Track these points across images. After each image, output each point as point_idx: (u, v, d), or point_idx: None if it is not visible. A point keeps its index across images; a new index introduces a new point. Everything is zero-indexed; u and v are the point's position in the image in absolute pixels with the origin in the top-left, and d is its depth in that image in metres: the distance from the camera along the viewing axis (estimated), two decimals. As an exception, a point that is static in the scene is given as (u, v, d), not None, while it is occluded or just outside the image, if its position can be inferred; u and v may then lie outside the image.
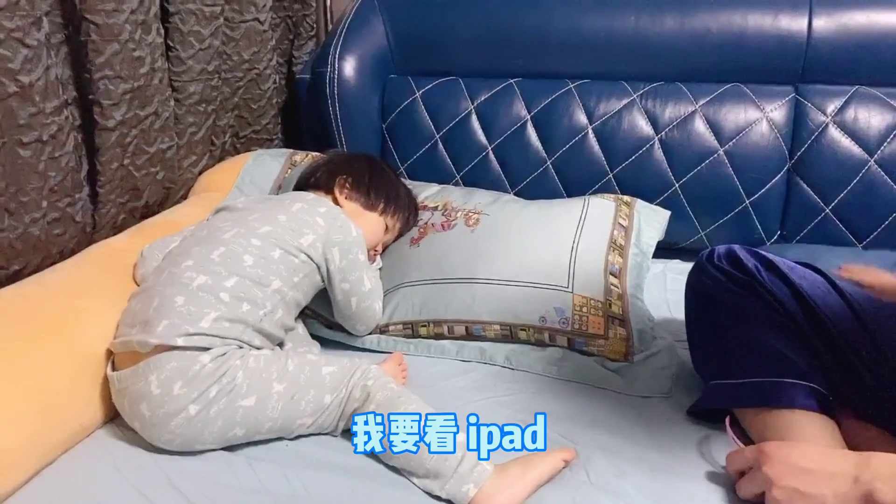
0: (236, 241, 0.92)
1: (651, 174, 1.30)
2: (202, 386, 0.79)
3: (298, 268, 0.95)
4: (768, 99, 1.28)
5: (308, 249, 0.95)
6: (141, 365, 0.81)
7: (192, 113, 1.26)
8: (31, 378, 0.80)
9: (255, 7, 1.36)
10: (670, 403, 0.92)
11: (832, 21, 1.25)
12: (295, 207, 0.99)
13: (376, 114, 1.45)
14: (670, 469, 0.79)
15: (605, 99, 1.33)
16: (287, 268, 0.93)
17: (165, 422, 0.79)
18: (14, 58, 0.88)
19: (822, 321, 0.80)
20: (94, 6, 0.99)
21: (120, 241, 1.06)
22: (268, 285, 0.90)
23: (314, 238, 0.97)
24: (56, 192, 1.00)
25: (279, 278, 0.92)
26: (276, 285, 0.91)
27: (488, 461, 0.76)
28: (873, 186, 1.22)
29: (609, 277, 1.06)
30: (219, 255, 0.90)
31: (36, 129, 0.93)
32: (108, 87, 1.04)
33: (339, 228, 0.99)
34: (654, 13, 1.31)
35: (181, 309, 0.83)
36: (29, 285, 0.91)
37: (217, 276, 0.87)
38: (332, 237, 0.98)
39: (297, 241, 0.95)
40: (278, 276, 0.92)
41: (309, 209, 1.00)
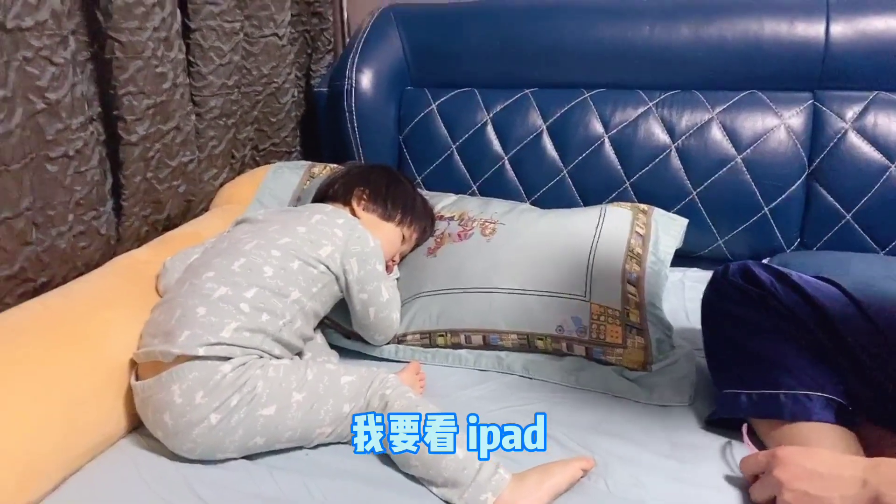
0: (256, 252, 0.93)
1: (668, 182, 1.30)
2: (223, 395, 0.80)
3: (317, 278, 0.96)
4: (786, 106, 1.27)
5: (326, 260, 0.97)
6: (164, 375, 0.82)
7: (213, 127, 1.28)
8: (57, 388, 0.82)
9: (273, 23, 1.38)
10: (689, 412, 0.91)
11: (850, 26, 1.24)
12: (314, 219, 1.01)
13: (393, 125, 1.46)
14: (689, 478, 0.79)
15: (620, 108, 1.34)
16: (306, 278, 0.94)
17: (188, 430, 0.80)
18: (42, 76, 0.91)
19: (838, 331, 0.79)
20: (118, 24, 1.02)
21: (143, 254, 1.08)
22: (287, 296, 0.91)
23: (332, 249, 0.98)
24: (82, 206, 1.02)
25: (298, 289, 0.93)
26: (295, 296, 0.92)
27: (506, 470, 0.76)
28: (895, 193, 1.20)
29: (627, 286, 1.06)
30: (239, 266, 0.91)
31: (63, 144, 0.96)
32: (132, 103, 1.07)
33: (357, 239, 1.01)
34: (669, 21, 1.32)
35: (202, 319, 0.85)
36: (54, 297, 0.93)
37: (237, 287, 0.89)
38: (350, 248, 0.99)
39: (315, 252, 0.96)
40: (297, 287, 0.93)
41: (328, 221, 1.01)
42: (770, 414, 0.79)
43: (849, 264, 1.14)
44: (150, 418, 0.84)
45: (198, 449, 0.81)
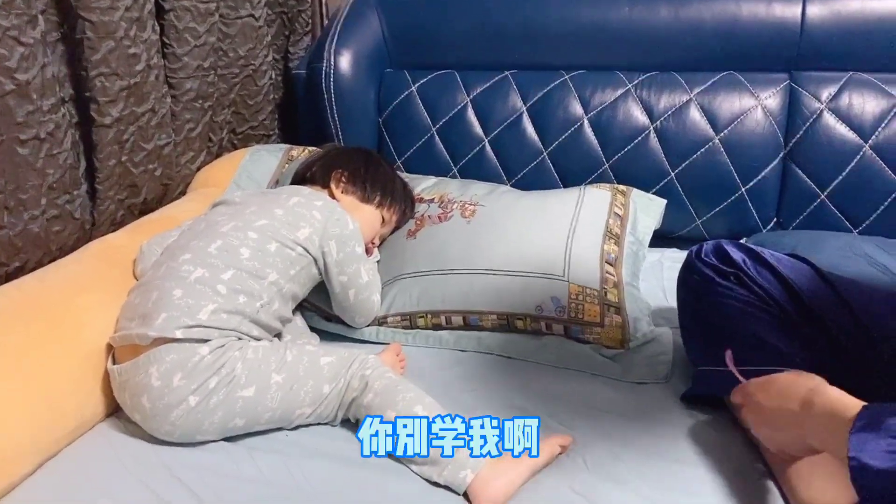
0: (233, 234, 0.93)
1: (647, 163, 1.30)
2: (201, 377, 0.80)
3: (295, 261, 0.95)
4: (763, 86, 1.28)
5: (304, 243, 0.96)
6: (141, 358, 0.82)
7: (189, 109, 1.27)
8: (33, 373, 0.81)
9: (250, 3, 1.36)
10: (666, 389, 0.92)
11: (825, 8, 1.25)
12: (292, 201, 1.00)
13: (373, 108, 1.45)
14: (666, 454, 0.80)
15: (600, 89, 1.34)
16: (283, 260, 0.94)
17: (166, 413, 0.80)
18: (10, 56, 0.89)
19: (809, 307, 0.81)
20: (88, 4, 0.99)
21: (119, 238, 1.07)
22: (264, 278, 0.91)
23: (311, 231, 0.97)
24: (55, 190, 1.00)
25: (276, 271, 0.92)
26: (272, 278, 0.92)
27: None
28: (868, 172, 1.22)
29: (605, 266, 1.07)
30: (216, 248, 0.90)
31: (34, 126, 0.94)
32: (105, 85, 1.05)
33: (336, 221, 1.00)
34: (648, 3, 1.32)
35: (179, 302, 0.84)
36: (29, 281, 0.92)
37: (214, 269, 0.88)
38: (329, 230, 0.99)
39: (293, 234, 0.96)
40: (275, 269, 0.92)
41: (305, 203, 1.00)
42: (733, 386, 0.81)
43: (823, 243, 1.16)
44: (128, 402, 0.84)
45: (176, 431, 0.81)
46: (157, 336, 0.81)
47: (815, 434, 0.63)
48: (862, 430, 0.57)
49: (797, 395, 0.65)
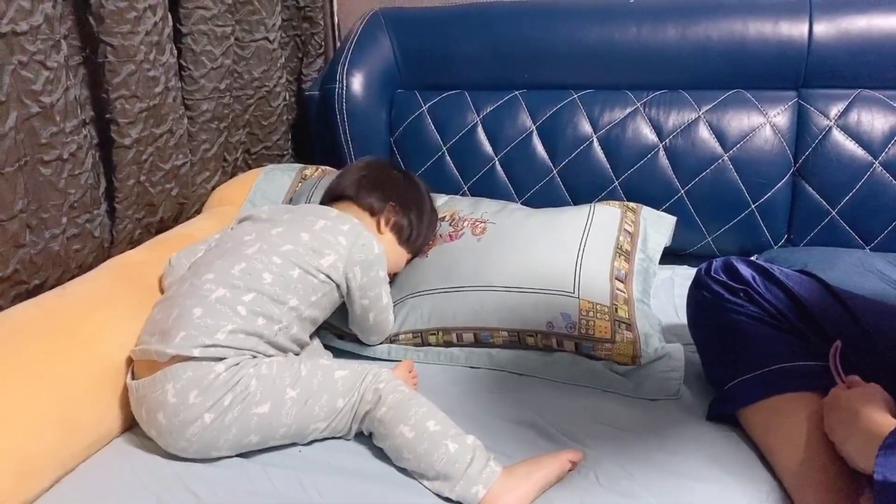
0: (258, 257, 0.93)
1: (656, 181, 1.31)
2: (217, 395, 0.81)
3: (317, 287, 0.96)
4: (771, 104, 1.29)
5: (328, 270, 0.96)
6: (158, 374, 0.83)
7: (205, 130, 1.29)
8: (51, 388, 0.82)
9: (264, 27, 1.39)
10: (678, 405, 0.92)
11: (832, 26, 1.26)
12: (318, 226, 0.99)
13: (384, 127, 1.47)
14: (678, 470, 0.80)
15: (608, 108, 1.35)
16: (305, 287, 0.94)
17: (182, 430, 0.81)
18: (36, 79, 0.92)
19: (818, 323, 0.82)
20: (110, 28, 1.03)
21: (137, 254, 1.09)
22: (285, 303, 0.91)
23: (336, 258, 0.97)
24: (76, 209, 1.03)
25: (296, 296, 0.93)
26: (293, 303, 0.92)
27: (497, 463, 0.78)
28: (879, 188, 1.22)
29: (615, 283, 1.07)
30: (239, 270, 0.91)
31: (57, 147, 0.97)
32: (125, 107, 1.08)
33: (362, 247, 1.00)
34: (655, 22, 1.34)
35: (198, 321, 0.85)
36: (49, 298, 0.94)
37: (236, 290, 0.89)
38: (354, 256, 0.99)
39: (317, 261, 0.95)
40: (296, 295, 0.93)
41: (332, 228, 1.00)
42: (759, 396, 0.82)
43: (834, 260, 1.16)
44: (145, 417, 0.85)
45: (192, 448, 0.82)
46: (174, 353, 0.83)
47: (857, 454, 0.65)
48: (890, 446, 0.58)
49: (847, 413, 0.68)
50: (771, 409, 0.80)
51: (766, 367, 0.82)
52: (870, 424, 0.65)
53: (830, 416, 0.73)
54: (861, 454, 0.66)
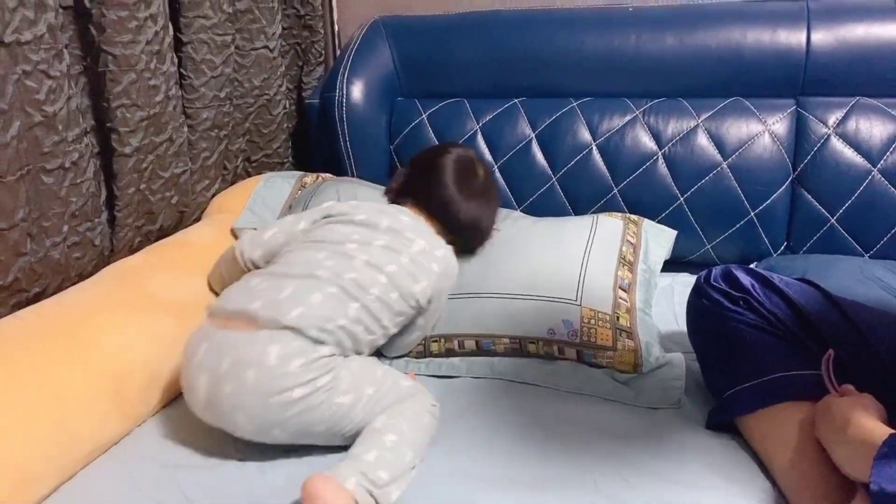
0: (366, 272, 0.94)
1: (656, 189, 1.32)
2: (316, 373, 0.82)
3: (406, 311, 0.97)
4: (770, 112, 1.29)
5: (419, 295, 0.98)
6: (263, 333, 0.84)
7: (205, 139, 1.30)
8: (50, 396, 0.82)
9: (264, 35, 1.40)
10: (678, 414, 0.92)
11: (830, 34, 1.27)
12: (416, 248, 1.00)
13: (384, 136, 1.48)
14: (677, 478, 0.80)
15: (608, 116, 1.36)
16: (398, 310, 0.96)
17: (269, 394, 0.80)
18: (39, 89, 0.92)
19: (817, 331, 0.82)
20: (111, 38, 1.03)
21: (134, 260, 1.10)
22: (380, 320, 0.94)
23: (427, 285, 0.99)
24: (77, 217, 1.03)
25: (389, 316, 0.95)
26: (385, 322, 0.95)
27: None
28: (877, 196, 1.22)
29: (618, 292, 1.07)
30: (351, 279, 0.92)
31: (59, 156, 0.97)
32: (126, 115, 1.08)
33: (450, 276, 1.03)
34: (654, 31, 1.34)
35: (316, 306, 0.88)
36: (47, 305, 0.94)
37: (347, 295, 0.91)
38: (441, 284, 1.01)
39: (412, 287, 0.97)
40: (390, 315, 0.95)
41: (428, 252, 1.01)
42: (758, 404, 0.81)
43: (834, 267, 1.16)
44: (226, 368, 0.83)
45: (260, 417, 0.81)
46: (291, 325, 0.84)
47: (846, 461, 0.65)
48: (885, 456, 0.58)
49: (838, 421, 0.68)
50: (770, 417, 0.80)
51: (766, 376, 0.82)
52: (861, 432, 0.65)
53: (822, 422, 0.73)
54: (851, 461, 0.66)
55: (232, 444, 0.87)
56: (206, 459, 0.85)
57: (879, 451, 0.60)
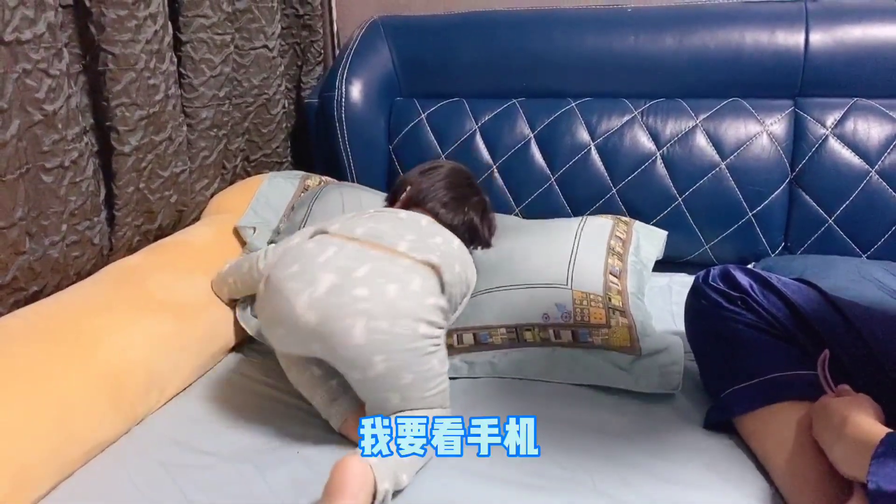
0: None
1: (654, 189, 1.32)
2: (439, 321, 0.86)
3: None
4: (768, 113, 1.30)
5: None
6: (405, 261, 0.87)
7: (205, 138, 1.30)
8: (49, 395, 0.82)
9: (264, 35, 1.40)
10: (675, 413, 0.92)
11: (828, 35, 1.27)
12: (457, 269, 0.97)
13: (383, 135, 1.48)
14: (675, 478, 0.80)
15: (606, 116, 1.36)
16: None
17: (400, 314, 0.82)
18: (39, 88, 0.92)
19: (815, 330, 0.82)
20: (111, 37, 1.03)
21: (133, 260, 1.10)
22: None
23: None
24: (76, 216, 1.03)
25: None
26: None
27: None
28: (875, 197, 1.23)
29: (609, 276, 1.09)
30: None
31: (59, 155, 0.97)
32: (125, 114, 1.08)
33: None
34: (653, 31, 1.35)
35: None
36: (46, 304, 0.94)
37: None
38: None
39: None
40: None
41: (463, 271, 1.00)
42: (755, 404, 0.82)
43: (832, 268, 1.17)
44: (355, 272, 0.84)
45: (374, 334, 0.81)
46: (431, 263, 0.88)
47: (843, 460, 0.65)
48: (882, 455, 0.58)
49: (835, 420, 0.68)
50: (767, 417, 0.80)
51: (763, 376, 0.82)
52: (858, 432, 0.65)
53: (818, 422, 0.74)
54: (847, 460, 0.66)
55: (230, 445, 0.87)
56: (205, 459, 0.85)
57: (877, 450, 0.60)
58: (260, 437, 0.90)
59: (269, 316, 0.89)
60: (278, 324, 0.87)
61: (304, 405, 0.96)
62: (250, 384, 1.03)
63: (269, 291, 0.88)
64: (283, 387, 1.00)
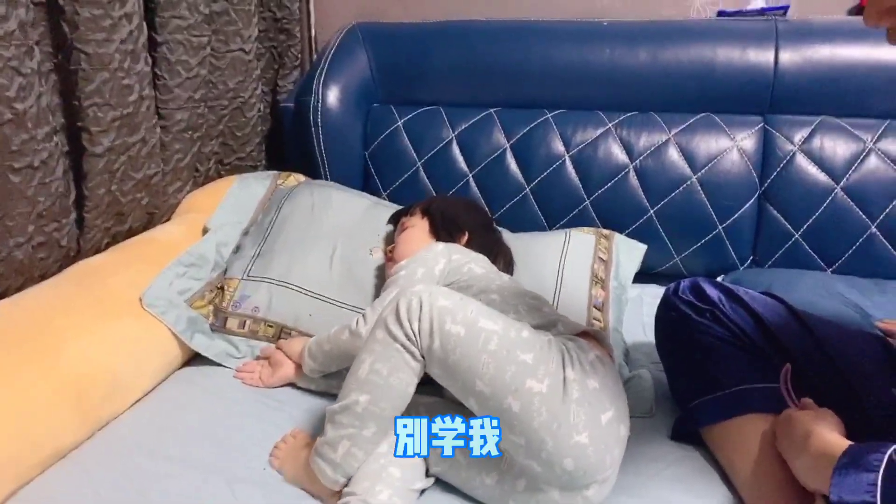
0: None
1: (626, 201, 1.33)
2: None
3: None
4: (739, 128, 1.32)
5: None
6: None
7: (179, 140, 1.28)
8: (8, 399, 0.80)
9: (240, 38, 1.39)
10: (643, 425, 0.93)
11: (797, 54, 1.30)
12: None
13: (359, 141, 1.48)
14: (642, 493, 0.81)
15: (581, 128, 1.37)
16: None
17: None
18: (10, 86, 0.91)
19: (780, 342, 0.84)
20: (85, 36, 1.02)
21: (98, 260, 1.08)
22: None
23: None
24: (44, 217, 1.01)
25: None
26: None
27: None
28: (840, 213, 1.26)
29: (592, 311, 1.09)
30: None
31: (28, 155, 0.95)
32: (97, 115, 1.07)
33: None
34: (627, 46, 1.36)
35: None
36: (5, 306, 0.92)
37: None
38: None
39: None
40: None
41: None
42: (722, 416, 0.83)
43: (798, 282, 1.19)
44: None
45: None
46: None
47: (806, 472, 0.66)
48: (844, 467, 0.60)
49: (799, 433, 0.70)
50: (733, 428, 0.82)
51: (730, 388, 0.83)
52: (821, 444, 0.67)
53: (782, 434, 0.75)
54: (810, 473, 0.68)
55: (197, 454, 0.86)
56: (171, 467, 0.84)
57: (839, 462, 0.61)
58: (228, 444, 0.88)
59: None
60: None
61: (272, 404, 0.95)
62: (218, 388, 1.01)
63: None
64: (251, 391, 1.00)
